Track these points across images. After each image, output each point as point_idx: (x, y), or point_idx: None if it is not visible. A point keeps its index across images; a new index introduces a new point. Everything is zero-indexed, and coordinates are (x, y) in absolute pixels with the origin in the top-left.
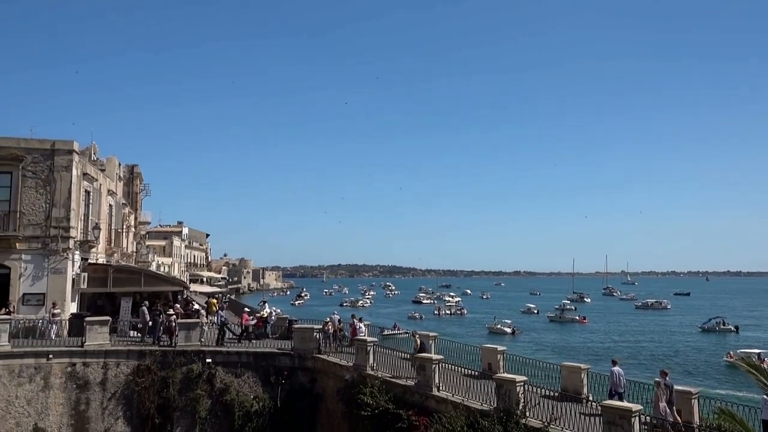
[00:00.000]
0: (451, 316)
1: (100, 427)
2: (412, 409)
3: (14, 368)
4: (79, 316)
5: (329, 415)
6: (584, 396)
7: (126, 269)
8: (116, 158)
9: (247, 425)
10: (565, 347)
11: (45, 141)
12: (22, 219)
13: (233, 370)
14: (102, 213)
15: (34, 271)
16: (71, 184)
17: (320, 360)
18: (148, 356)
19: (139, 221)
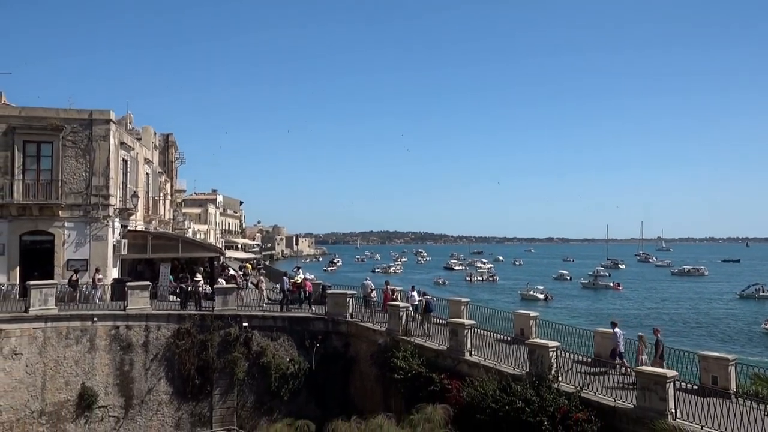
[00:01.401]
0: (483, 282)
1: (143, 386)
2: (444, 373)
3: (62, 330)
4: (121, 282)
5: (362, 378)
6: (618, 362)
7: (164, 236)
8: (151, 127)
9: (283, 387)
10: (598, 314)
11: (83, 111)
12: (63, 187)
13: (269, 334)
14: (139, 181)
15: (77, 238)
16: (109, 153)
17: (353, 324)
18: (187, 320)
19: (174, 189)
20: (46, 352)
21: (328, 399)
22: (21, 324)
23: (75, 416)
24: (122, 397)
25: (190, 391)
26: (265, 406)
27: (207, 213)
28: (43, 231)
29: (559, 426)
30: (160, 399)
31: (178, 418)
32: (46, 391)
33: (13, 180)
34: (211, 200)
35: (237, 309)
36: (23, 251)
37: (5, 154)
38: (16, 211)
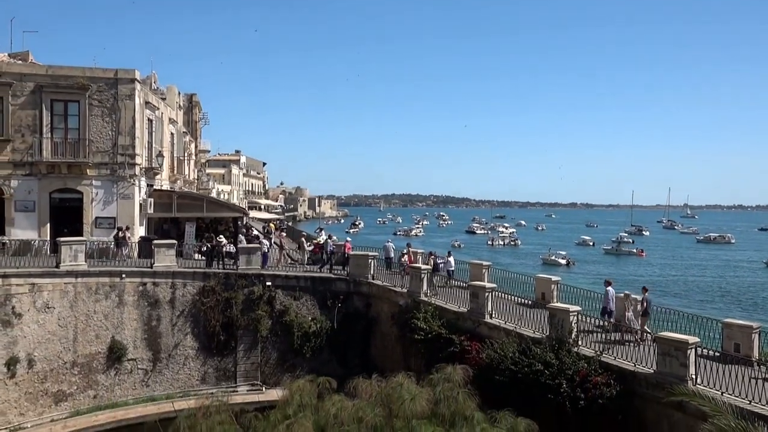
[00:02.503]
0: (505, 246)
1: (170, 341)
2: (464, 334)
3: (91, 286)
4: (148, 240)
5: (383, 338)
6: (639, 327)
7: (189, 196)
8: (176, 87)
9: (305, 345)
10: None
11: (108, 70)
12: (91, 146)
13: (292, 293)
14: (164, 141)
15: (105, 197)
16: (135, 113)
17: (375, 286)
18: (212, 278)
19: (199, 149)
20: (77, 306)
21: (350, 357)
22: (53, 279)
23: (105, 368)
24: (150, 350)
25: (215, 346)
26: (287, 363)
27: (230, 174)
28: (71, 189)
29: (578, 389)
30: (186, 353)
31: (204, 372)
32: (78, 343)
33: (42, 138)
34: (234, 161)
35: (260, 268)
36: (53, 208)
37: (33, 112)
38: (45, 169)
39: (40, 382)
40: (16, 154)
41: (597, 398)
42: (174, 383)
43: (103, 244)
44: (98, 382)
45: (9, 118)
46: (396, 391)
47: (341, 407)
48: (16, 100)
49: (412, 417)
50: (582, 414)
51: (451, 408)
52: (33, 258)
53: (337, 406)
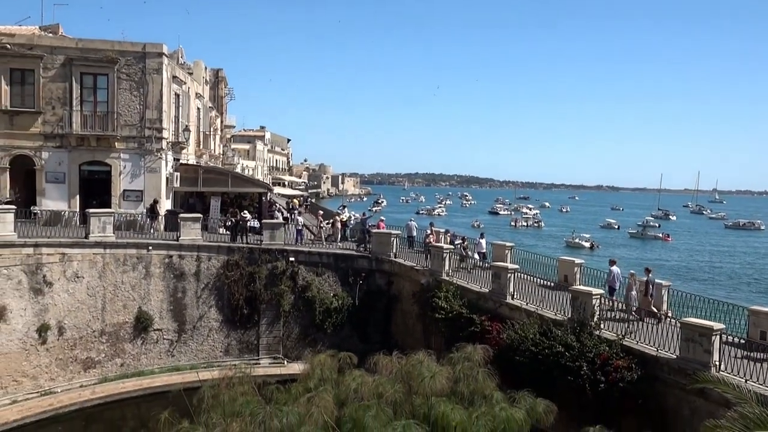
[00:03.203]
0: (528, 228)
1: (195, 313)
2: (485, 314)
3: (119, 257)
4: (174, 213)
5: (404, 315)
6: (663, 312)
7: (214, 170)
8: (202, 62)
9: (327, 320)
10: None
11: (136, 44)
12: (119, 120)
13: (314, 269)
14: (191, 116)
15: (132, 170)
16: (162, 87)
17: (397, 264)
18: (236, 252)
19: (224, 125)
20: (105, 276)
21: (370, 334)
22: (82, 249)
23: (132, 337)
24: (175, 321)
25: (239, 319)
26: (309, 338)
27: (255, 149)
28: (100, 161)
29: (599, 372)
30: (210, 325)
31: (227, 344)
32: (106, 312)
33: (72, 111)
34: (259, 137)
35: (284, 244)
36: (82, 180)
37: (64, 85)
38: (74, 142)
39: (69, 348)
40: (46, 126)
41: (618, 382)
42: (198, 354)
43: (130, 217)
44: (125, 350)
45: (40, 90)
46: (416, 369)
47: (362, 382)
48: (46, 73)
49: (431, 394)
50: (602, 397)
51: (470, 387)
52: (63, 228)
53: (358, 381)
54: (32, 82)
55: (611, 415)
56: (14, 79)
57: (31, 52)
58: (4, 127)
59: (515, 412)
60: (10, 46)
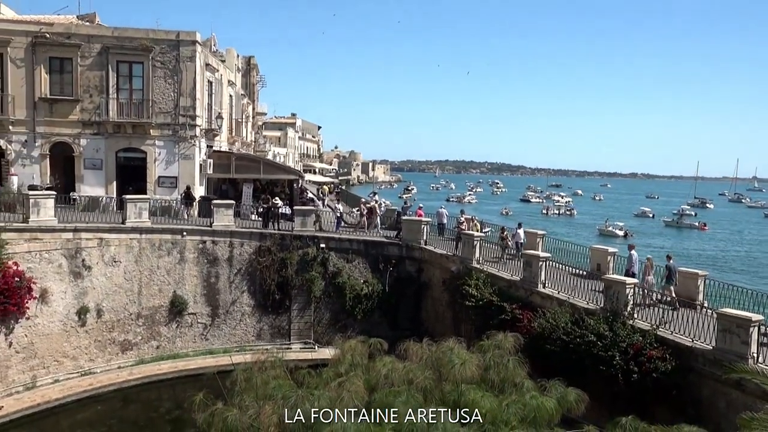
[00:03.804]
0: (560, 216)
1: (228, 298)
2: (516, 303)
3: (155, 242)
4: (207, 199)
5: (434, 302)
6: (699, 302)
7: (246, 157)
8: (234, 50)
9: (357, 306)
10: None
11: (170, 32)
12: (154, 107)
13: (345, 256)
14: (223, 103)
15: (167, 156)
16: (195, 74)
17: (427, 251)
18: (268, 238)
19: (256, 112)
20: (141, 261)
21: (400, 321)
22: (119, 234)
23: (167, 320)
24: (209, 306)
25: (271, 305)
26: (339, 324)
27: (286, 136)
28: (136, 148)
29: (632, 362)
30: (243, 310)
31: (260, 329)
32: (142, 296)
33: (109, 99)
34: (290, 124)
35: (315, 230)
36: (119, 167)
37: (100, 73)
38: (111, 129)
39: (108, 331)
40: (84, 113)
41: (651, 372)
42: (231, 338)
43: (165, 203)
44: (161, 333)
45: (78, 78)
46: (446, 356)
47: (392, 368)
48: (84, 62)
49: (461, 381)
50: (634, 387)
51: (500, 375)
52: (101, 214)
53: (388, 367)
54: (70, 70)
55: (644, 406)
56: (53, 68)
57: (69, 41)
58: (44, 115)
59: (546, 401)
60: (49, 35)
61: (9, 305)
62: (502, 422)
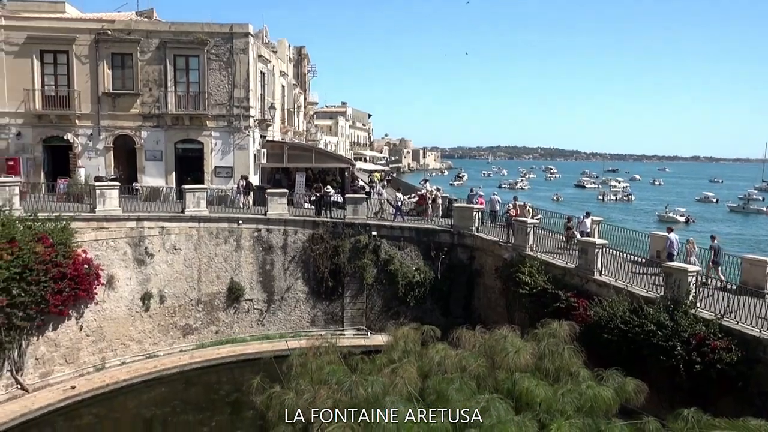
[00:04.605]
0: (616, 202)
1: (283, 284)
2: (571, 291)
3: (212, 230)
4: (261, 188)
5: (486, 290)
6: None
7: (299, 147)
8: (286, 40)
9: (409, 293)
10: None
11: (224, 25)
12: (209, 99)
13: (396, 243)
14: (276, 93)
15: (223, 147)
16: (248, 66)
17: (479, 238)
18: (321, 226)
19: (307, 101)
20: (200, 248)
21: (452, 308)
22: (179, 223)
23: (225, 306)
24: (265, 292)
25: (324, 291)
26: (391, 311)
27: (337, 125)
28: (193, 140)
29: (694, 352)
30: (297, 297)
31: (314, 315)
32: (201, 282)
33: (167, 92)
34: (341, 113)
35: (366, 218)
36: (177, 158)
37: (159, 67)
38: (170, 121)
39: (170, 316)
40: (144, 107)
41: (715, 363)
42: (286, 324)
43: (221, 192)
44: (219, 319)
45: (138, 73)
46: (500, 344)
47: (445, 355)
48: (143, 56)
49: (515, 370)
50: (697, 379)
51: (555, 363)
52: (161, 203)
53: (441, 354)
54: (131, 65)
55: (707, 398)
56: (115, 63)
57: (129, 37)
58: (108, 109)
59: (603, 390)
60: (111, 32)
61: (79, 291)
62: (557, 411)
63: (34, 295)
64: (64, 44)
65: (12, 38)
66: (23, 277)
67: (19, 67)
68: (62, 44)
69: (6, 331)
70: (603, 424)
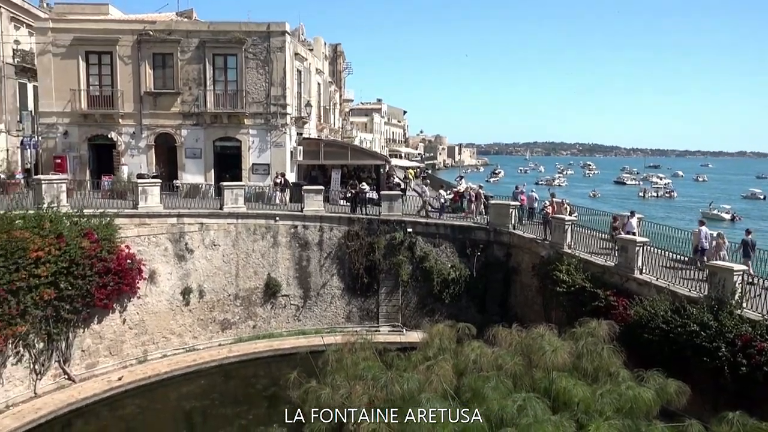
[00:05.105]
0: (658, 198)
1: (319, 281)
2: (610, 289)
3: (250, 227)
4: (298, 185)
5: (523, 288)
6: None
7: (334, 144)
8: (321, 38)
9: (444, 291)
10: None
11: (261, 24)
12: (247, 97)
13: (432, 240)
14: (312, 91)
15: (260, 144)
16: (285, 64)
17: (515, 235)
18: (356, 223)
19: (343, 99)
20: (237, 244)
21: (488, 306)
22: (218, 219)
23: (263, 301)
24: (301, 288)
25: (359, 288)
26: (427, 308)
27: (372, 122)
28: (231, 137)
29: (739, 354)
30: (333, 293)
31: (349, 311)
32: (239, 278)
33: (206, 90)
34: (376, 110)
35: (402, 215)
36: (216, 155)
37: (198, 66)
38: (209, 119)
39: (209, 310)
40: (184, 105)
41: (762, 365)
42: (322, 319)
43: (258, 189)
44: (257, 314)
45: (178, 72)
46: (536, 342)
47: (481, 353)
48: (183, 56)
49: (552, 369)
50: (742, 381)
51: (594, 363)
52: (201, 200)
53: (477, 352)
54: (171, 65)
55: (753, 401)
56: (156, 63)
57: (170, 37)
58: (149, 108)
59: (644, 392)
60: (152, 32)
61: (123, 285)
62: (595, 412)
63: (81, 289)
64: (108, 45)
65: (59, 40)
66: (70, 272)
67: (65, 68)
68: (106, 45)
69: (54, 324)
70: (643, 425)
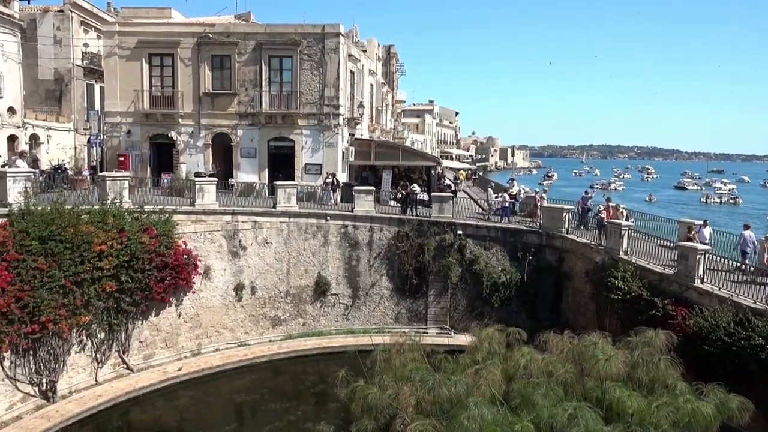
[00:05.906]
0: (721, 204)
1: (368, 281)
2: (668, 298)
3: (301, 226)
4: (349, 185)
5: (575, 294)
6: None
7: (386, 144)
8: (375, 39)
9: (494, 294)
10: None
11: (316, 26)
12: (301, 98)
13: (482, 243)
14: (364, 92)
15: (312, 145)
16: (339, 65)
17: (569, 240)
18: (406, 224)
19: (395, 100)
20: (289, 243)
21: (539, 311)
22: (270, 218)
23: (312, 300)
24: (350, 287)
25: (408, 289)
26: (476, 311)
27: (424, 123)
28: (285, 137)
29: None
30: (381, 293)
31: (397, 312)
32: (290, 276)
33: (262, 91)
34: (428, 111)
35: (452, 217)
36: (270, 155)
37: (255, 68)
38: (264, 120)
39: (260, 306)
40: (241, 106)
41: None
42: (370, 319)
43: (311, 188)
44: (306, 311)
45: (235, 74)
46: (589, 350)
47: (531, 359)
48: (240, 58)
49: (605, 378)
50: None
51: (650, 374)
52: (254, 198)
53: (527, 358)
54: (229, 66)
55: None
56: (215, 65)
57: (228, 40)
58: (207, 108)
59: (703, 406)
60: (211, 35)
61: (179, 279)
62: (650, 424)
63: (140, 282)
64: (170, 47)
65: (125, 43)
66: (130, 265)
67: (130, 69)
68: (168, 47)
69: (115, 315)
70: None
